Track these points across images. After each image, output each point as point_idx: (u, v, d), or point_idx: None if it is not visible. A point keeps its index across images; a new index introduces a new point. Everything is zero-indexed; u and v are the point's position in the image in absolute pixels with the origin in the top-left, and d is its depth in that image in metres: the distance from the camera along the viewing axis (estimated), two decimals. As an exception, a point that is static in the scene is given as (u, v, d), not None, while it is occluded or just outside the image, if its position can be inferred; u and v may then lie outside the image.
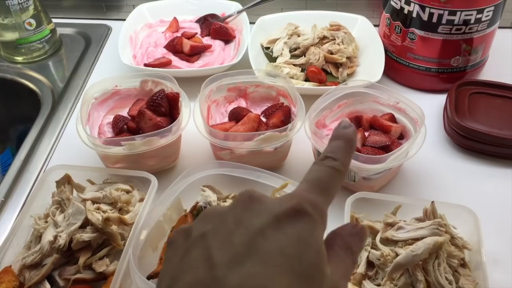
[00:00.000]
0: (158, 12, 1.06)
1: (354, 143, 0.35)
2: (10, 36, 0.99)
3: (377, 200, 0.65)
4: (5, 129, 1.07)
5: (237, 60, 0.91)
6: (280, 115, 0.76)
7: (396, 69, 0.92)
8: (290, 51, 0.96)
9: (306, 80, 0.91)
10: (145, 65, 0.93)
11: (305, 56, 0.94)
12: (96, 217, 0.61)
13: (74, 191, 0.69)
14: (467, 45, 0.85)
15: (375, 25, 0.98)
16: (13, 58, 1.02)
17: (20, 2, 0.95)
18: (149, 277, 0.56)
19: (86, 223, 0.62)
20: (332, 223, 0.65)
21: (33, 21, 0.98)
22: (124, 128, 0.76)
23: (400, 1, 0.85)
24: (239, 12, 1.03)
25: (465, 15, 0.80)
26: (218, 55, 0.97)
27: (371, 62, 0.93)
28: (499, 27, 0.88)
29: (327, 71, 0.92)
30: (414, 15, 0.84)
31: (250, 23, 1.00)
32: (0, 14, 0.96)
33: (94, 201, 0.65)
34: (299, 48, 0.95)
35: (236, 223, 0.30)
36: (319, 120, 0.75)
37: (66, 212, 0.63)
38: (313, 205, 0.31)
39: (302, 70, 0.92)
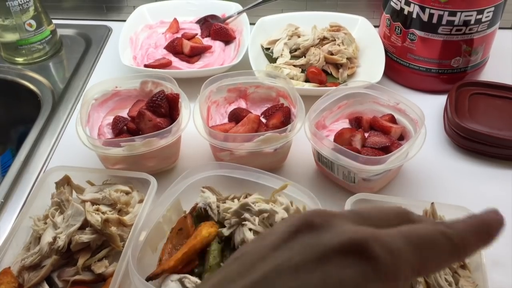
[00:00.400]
0: (159, 13, 1.06)
1: (490, 229, 0.27)
2: (11, 37, 0.99)
3: (377, 201, 0.64)
4: (5, 130, 1.07)
5: (237, 61, 0.91)
6: (280, 116, 0.76)
7: (396, 70, 0.92)
8: (290, 52, 0.96)
9: (306, 81, 0.91)
10: (145, 66, 0.93)
11: (305, 57, 0.94)
12: (95, 219, 0.61)
13: (74, 192, 0.69)
14: (467, 46, 0.85)
15: (375, 26, 0.98)
16: (13, 59, 1.02)
17: (20, 3, 0.95)
18: (148, 279, 0.56)
19: (85, 225, 0.62)
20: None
21: (33, 22, 0.98)
22: (124, 129, 0.76)
23: (400, 2, 0.85)
24: (239, 13, 1.03)
25: (465, 15, 0.80)
26: (218, 56, 0.97)
27: (371, 63, 0.93)
28: (500, 28, 0.87)
29: (327, 72, 0.92)
30: (414, 16, 0.84)
31: (250, 24, 1.00)
32: (1, 15, 0.96)
33: (94, 202, 0.65)
34: (299, 49, 0.95)
35: (274, 249, 0.26)
36: (319, 121, 0.75)
37: (66, 213, 0.63)
38: (392, 251, 0.23)
39: (302, 71, 0.92)
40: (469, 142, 0.78)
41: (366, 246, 0.23)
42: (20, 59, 1.02)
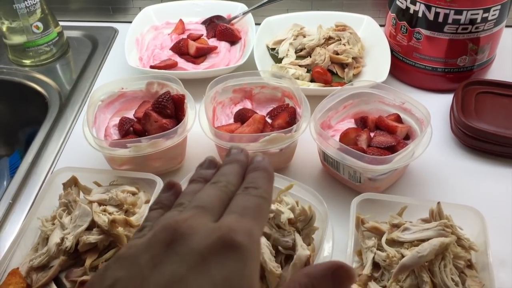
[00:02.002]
0: (164, 14, 1.07)
1: (270, 171, 0.34)
2: (18, 39, 1.00)
3: (383, 201, 0.64)
4: (13, 132, 1.08)
5: (243, 61, 0.91)
6: (285, 116, 0.76)
7: (402, 69, 0.92)
8: (295, 52, 0.96)
9: (312, 81, 0.91)
10: (151, 67, 0.94)
11: (310, 56, 0.94)
12: (102, 219, 0.62)
13: (81, 193, 0.69)
14: (474, 45, 0.84)
15: (381, 25, 0.98)
16: (21, 61, 1.03)
17: (27, 5, 0.95)
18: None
19: (92, 225, 0.62)
20: (338, 225, 0.65)
21: (40, 24, 0.99)
22: (130, 130, 0.76)
23: (406, 1, 0.85)
24: (245, 13, 1.03)
25: (471, 14, 0.80)
26: (224, 57, 0.97)
27: (377, 62, 0.93)
28: (506, 26, 0.87)
29: (333, 71, 0.92)
30: (420, 14, 0.83)
31: (256, 24, 1.00)
32: (8, 17, 0.97)
33: (101, 203, 0.65)
34: (304, 49, 0.95)
35: (152, 268, 0.26)
36: (324, 121, 0.75)
37: (73, 214, 0.64)
38: (248, 233, 0.28)
39: (308, 71, 0.92)
40: (476, 141, 0.78)
41: (231, 238, 0.26)
42: (27, 61, 1.03)
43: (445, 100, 0.87)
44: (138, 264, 0.26)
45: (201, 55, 0.96)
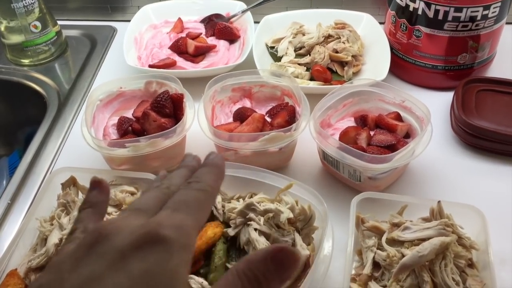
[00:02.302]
0: (163, 12, 1.06)
1: (220, 166, 0.34)
2: (16, 38, 1.00)
3: (383, 200, 0.64)
4: (12, 131, 1.08)
5: (242, 60, 0.91)
6: (284, 115, 0.75)
7: (402, 67, 0.92)
8: (295, 50, 0.95)
9: (311, 79, 0.90)
10: (150, 66, 0.93)
11: (310, 55, 0.93)
12: (101, 219, 0.61)
13: (80, 193, 0.69)
14: (474, 42, 0.84)
15: (380, 23, 0.97)
16: (19, 60, 1.03)
17: (25, 5, 0.95)
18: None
19: (91, 225, 0.62)
20: (338, 224, 0.65)
21: (38, 24, 0.99)
22: (129, 129, 0.76)
23: (406, -1, 0.85)
24: (244, 11, 1.03)
25: (471, 11, 0.79)
26: (223, 55, 0.96)
27: (376, 60, 0.92)
28: (507, 23, 0.87)
29: (333, 70, 0.92)
30: (420, 12, 0.83)
31: (255, 22, 0.99)
32: (6, 17, 0.96)
33: (99, 203, 0.65)
34: (304, 47, 0.95)
35: (73, 271, 0.26)
36: (324, 119, 0.74)
37: (72, 214, 0.64)
38: (177, 226, 0.28)
39: (307, 69, 0.91)
40: (476, 139, 0.77)
41: (156, 233, 0.26)
42: (26, 61, 1.03)
43: (445, 98, 0.87)
44: (60, 268, 0.27)
45: (200, 53, 0.96)
